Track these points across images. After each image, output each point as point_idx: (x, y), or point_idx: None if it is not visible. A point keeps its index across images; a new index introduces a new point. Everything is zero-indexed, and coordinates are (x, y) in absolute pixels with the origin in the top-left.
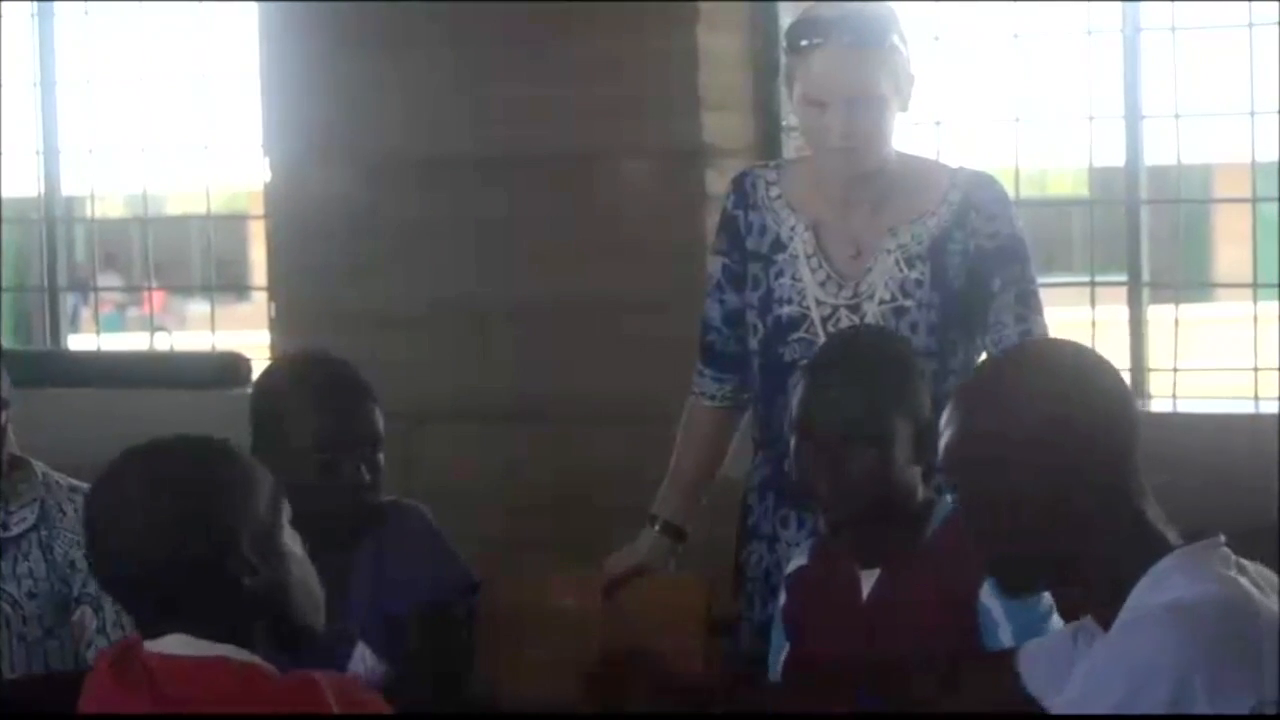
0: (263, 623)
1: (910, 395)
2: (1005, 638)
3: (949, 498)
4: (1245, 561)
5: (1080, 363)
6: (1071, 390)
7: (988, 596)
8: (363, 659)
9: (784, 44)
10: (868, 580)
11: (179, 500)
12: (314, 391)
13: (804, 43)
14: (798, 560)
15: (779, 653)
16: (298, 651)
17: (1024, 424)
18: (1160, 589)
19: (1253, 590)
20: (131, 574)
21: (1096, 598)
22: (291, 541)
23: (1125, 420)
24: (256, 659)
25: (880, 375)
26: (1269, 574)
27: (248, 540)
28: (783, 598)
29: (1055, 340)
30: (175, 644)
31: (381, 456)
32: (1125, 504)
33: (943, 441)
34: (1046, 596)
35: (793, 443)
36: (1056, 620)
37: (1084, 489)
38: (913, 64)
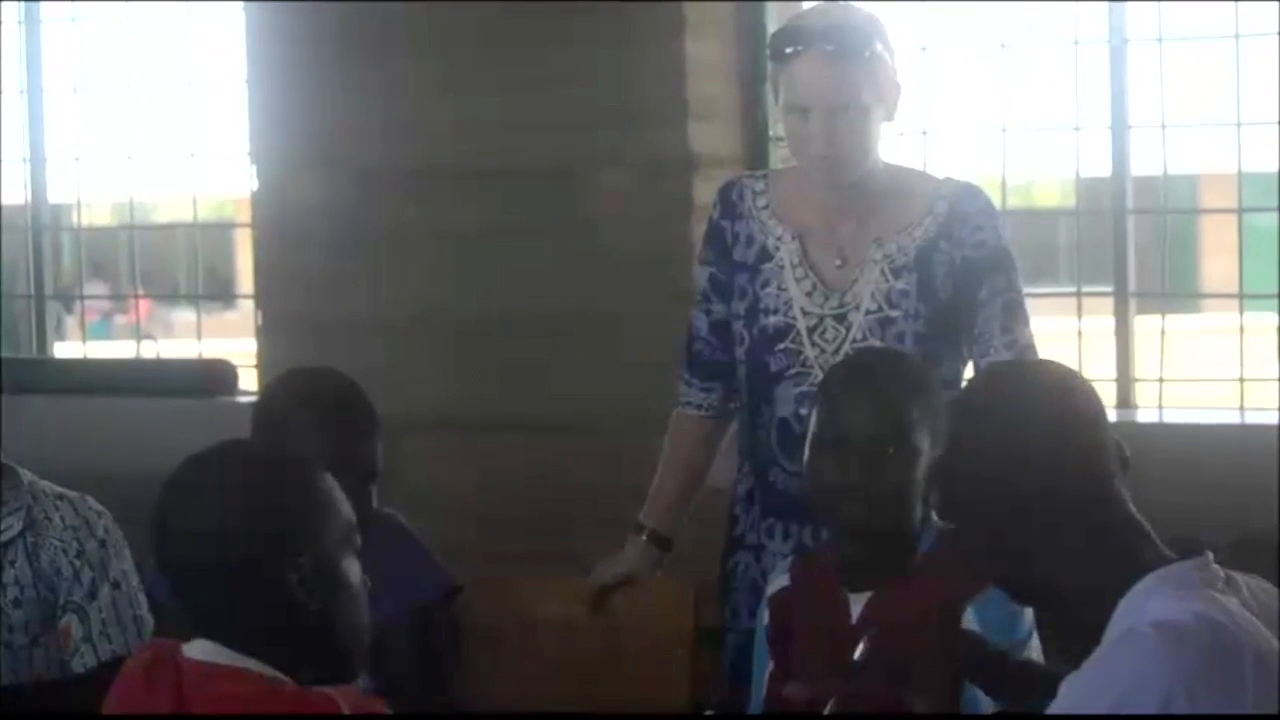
0: (302, 645)
1: (931, 416)
2: None
3: (938, 521)
4: (1239, 576)
5: (1057, 383)
6: (1046, 411)
7: (969, 621)
8: None
9: (769, 52)
10: (856, 603)
11: (255, 501)
12: (322, 414)
13: (787, 50)
14: (779, 581)
15: (764, 672)
16: (332, 681)
17: (1001, 444)
18: (1146, 606)
19: (1238, 611)
20: (190, 563)
21: (1078, 616)
22: (351, 575)
23: (1100, 438)
24: (280, 675)
25: (911, 391)
26: (1265, 586)
27: (310, 560)
28: (765, 618)
29: (1034, 361)
30: (204, 650)
31: (374, 489)
32: (1106, 522)
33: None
34: (1027, 622)
35: (809, 452)
36: (1035, 645)
37: (1062, 508)
38: (898, 73)
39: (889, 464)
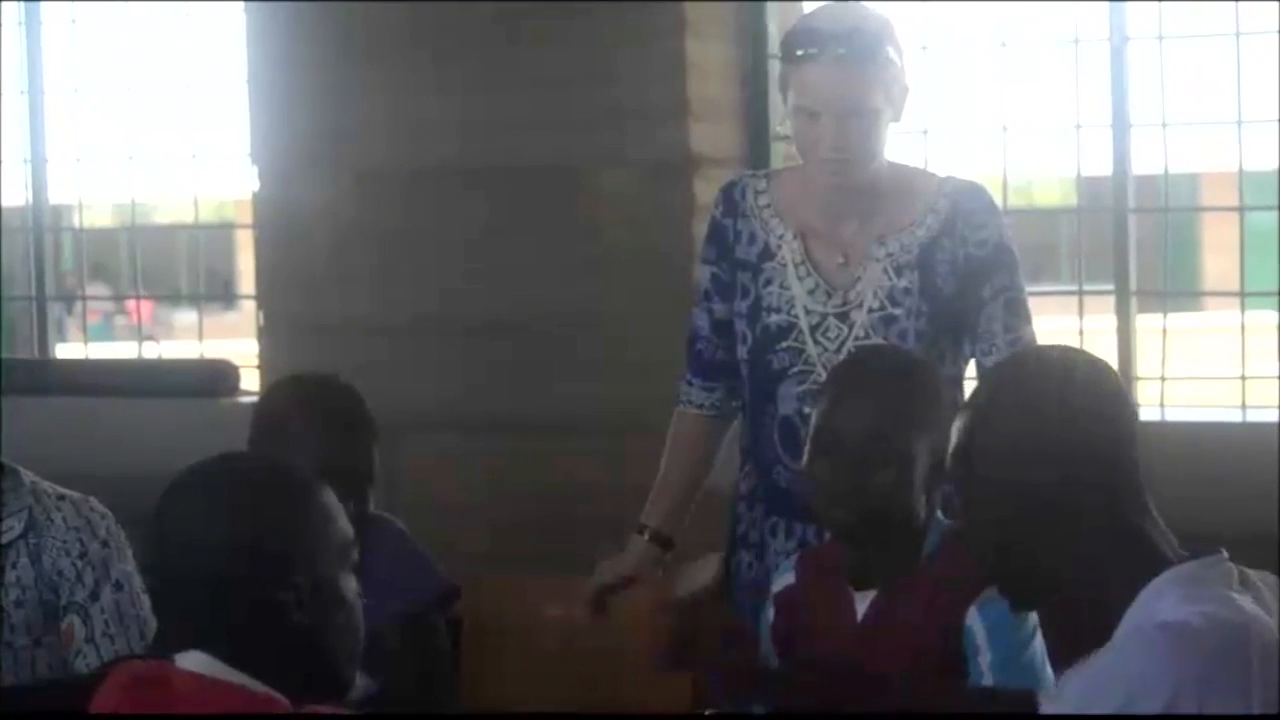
0: (295, 661)
1: (933, 419)
2: (984, 663)
3: (944, 519)
4: (1253, 573)
5: (1080, 373)
6: (1066, 402)
7: (973, 620)
8: None
9: (779, 52)
10: (861, 601)
11: (249, 516)
12: (319, 420)
13: (799, 53)
14: (784, 579)
15: None
16: (324, 695)
17: (1019, 435)
18: (1156, 606)
19: (1253, 610)
20: (184, 577)
21: (1089, 614)
22: (347, 592)
23: (1124, 432)
24: (273, 693)
25: (908, 393)
26: (1274, 581)
27: (305, 576)
28: (770, 616)
29: (1058, 348)
30: (196, 662)
31: (371, 493)
32: (1122, 518)
33: (949, 452)
34: (1031, 622)
35: (807, 453)
36: (1039, 645)
37: (1080, 502)
38: (907, 75)
39: (879, 467)
